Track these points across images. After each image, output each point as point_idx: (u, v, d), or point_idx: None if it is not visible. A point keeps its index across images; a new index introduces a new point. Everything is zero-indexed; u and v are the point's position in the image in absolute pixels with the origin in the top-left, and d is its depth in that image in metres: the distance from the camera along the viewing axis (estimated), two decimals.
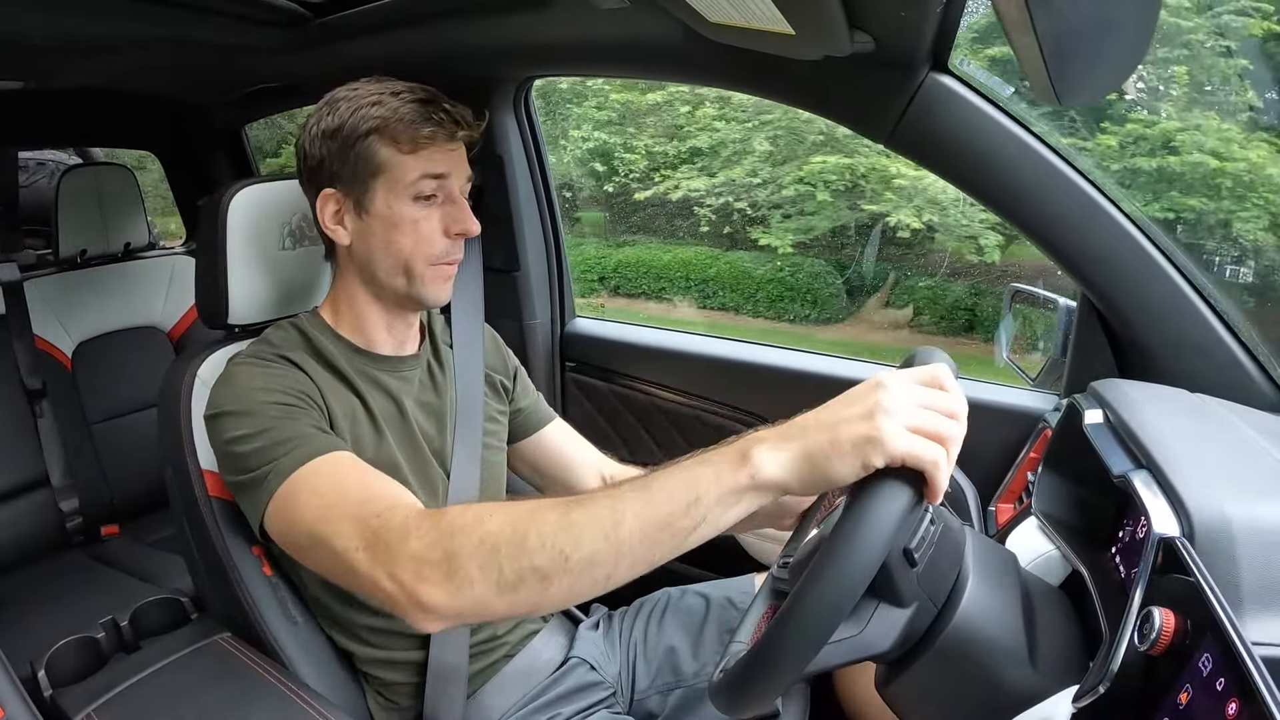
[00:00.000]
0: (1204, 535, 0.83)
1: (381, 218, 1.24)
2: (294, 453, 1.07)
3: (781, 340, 2.19)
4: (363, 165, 1.22)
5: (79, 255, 2.57)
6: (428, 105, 1.22)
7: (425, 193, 1.23)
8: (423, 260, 1.25)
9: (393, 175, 1.22)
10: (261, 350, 1.24)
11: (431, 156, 1.22)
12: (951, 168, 1.31)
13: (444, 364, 1.43)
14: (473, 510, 0.90)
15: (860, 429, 0.78)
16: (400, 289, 1.28)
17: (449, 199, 1.26)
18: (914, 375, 0.83)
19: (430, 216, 1.25)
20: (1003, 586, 0.95)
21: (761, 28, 1.05)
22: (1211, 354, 1.26)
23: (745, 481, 0.82)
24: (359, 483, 1.03)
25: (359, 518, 0.96)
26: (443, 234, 1.26)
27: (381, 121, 1.20)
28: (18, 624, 2.01)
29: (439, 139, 1.22)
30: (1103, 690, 0.79)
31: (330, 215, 1.26)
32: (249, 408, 1.12)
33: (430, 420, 1.37)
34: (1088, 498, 1.15)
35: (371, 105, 1.21)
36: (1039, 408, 1.51)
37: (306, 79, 1.21)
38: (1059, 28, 0.74)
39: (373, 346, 1.33)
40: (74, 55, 1.85)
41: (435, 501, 1.32)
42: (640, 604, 1.56)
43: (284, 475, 1.06)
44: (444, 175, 1.24)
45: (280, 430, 1.10)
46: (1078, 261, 1.29)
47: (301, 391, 1.17)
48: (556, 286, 2.13)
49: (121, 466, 2.53)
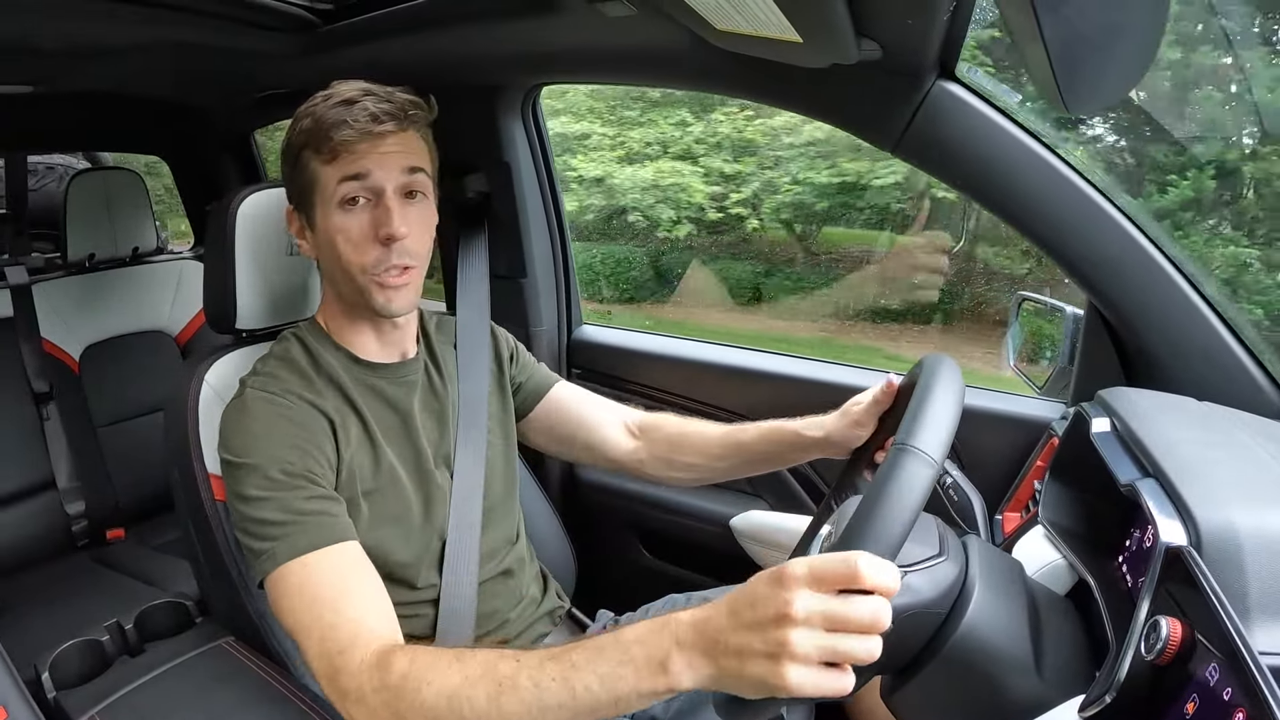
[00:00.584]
0: (1211, 544, 0.82)
1: (322, 232, 1.22)
2: (290, 539, 1.07)
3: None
4: (303, 181, 1.22)
5: (87, 259, 2.58)
6: (349, 105, 1.17)
7: (347, 196, 1.19)
8: (359, 271, 1.21)
9: (321, 188, 1.20)
10: (273, 381, 1.21)
11: (350, 160, 1.18)
12: (959, 175, 1.31)
13: (441, 364, 1.43)
14: (415, 670, 0.92)
15: (762, 670, 0.74)
16: (358, 301, 1.26)
17: (379, 201, 1.20)
18: (829, 571, 0.73)
19: (359, 223, 1.20)
20: (1009, 595, 0.94)
21: (769, 35, 1.05)
22: (1219, 362, 1.26)
23: (664, 689, 0.82)
24: (333, 601, 1.03)
25: (322, 648, 1.00)
26: (373, 240, 1.20)
27: (308, 135, 1.18)
28: (22, 626, 2.02)
29: (356, 141, 1.16)
30: (1109, 700, 0.79)
31: (295, 231, 1.28)
32: (260, 462, 1.11)
33: (434, 422, 1.37)
34: (1095, 506, 1.15)
35: (306, 116, 1.19)
36: (1046, 416, 1.51)
37: (314, 85, 1.22)
38: (1066, 35, 0.74)
39: (371, 356, 1.32)
40: (82, 60, 1.86)
41: (437, 507, 1.32)
42: (646, 610, 1.56)
43: (278, 562, 1.06)
44: (361, 175, 1.18)
45: (283, 503, 1.09)
46: (1085, 269, 1.28)
47: (310, 440, 1.16)
48: (564, 293, 2.13)
49: (127, 470, 2.53)
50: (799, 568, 0.74)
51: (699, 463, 1.48)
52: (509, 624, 1.39)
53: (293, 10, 1.54)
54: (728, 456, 1.45)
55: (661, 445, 1.51)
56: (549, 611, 1.49)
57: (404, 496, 1.27)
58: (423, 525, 1.29)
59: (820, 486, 1.82)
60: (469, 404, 1.41)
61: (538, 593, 1.48)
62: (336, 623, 1.01)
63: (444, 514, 1.32)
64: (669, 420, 1.53)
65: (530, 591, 1.46)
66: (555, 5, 1.33)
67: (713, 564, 1.91)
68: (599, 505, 2.09)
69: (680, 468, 1.50)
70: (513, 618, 1.40)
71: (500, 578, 1.38)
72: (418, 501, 1.29)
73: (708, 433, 1.47)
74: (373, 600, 1.06)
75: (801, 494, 1.84)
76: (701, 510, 1.91)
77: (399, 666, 0.93)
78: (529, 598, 1.45)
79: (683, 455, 1.49)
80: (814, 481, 1.83)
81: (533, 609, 1.46)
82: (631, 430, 1.54)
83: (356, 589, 1.06)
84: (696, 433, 1.48)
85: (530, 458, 1.73)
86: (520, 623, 1.42)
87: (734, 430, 1.44)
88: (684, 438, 1.49)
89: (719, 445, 1.45)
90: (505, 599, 1.39)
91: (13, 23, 1.45)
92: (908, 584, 0.90)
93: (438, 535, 1.31)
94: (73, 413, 2.46)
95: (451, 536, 1.32)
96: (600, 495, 2.08)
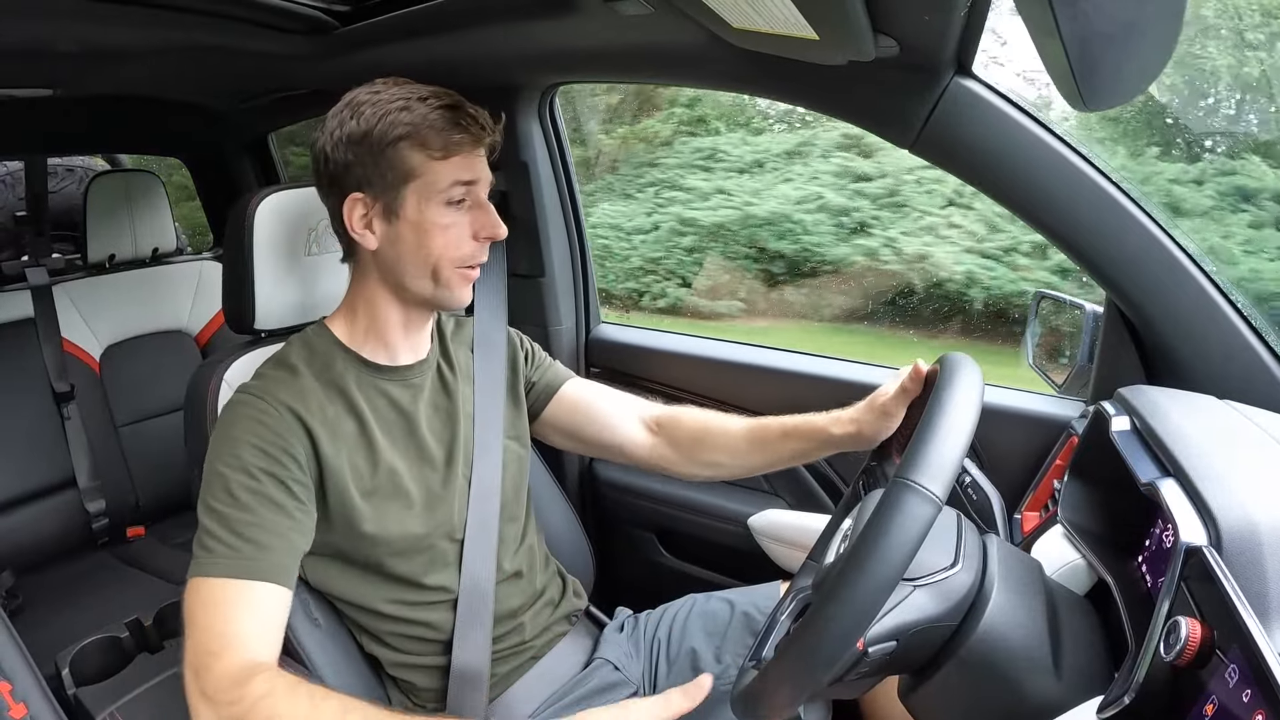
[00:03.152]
0: (1232, 544, 0.82)
1: (412, 223, 1.24)
2: (223, 561, 1.09)
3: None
4: (393, 170, 1.22)
5: (107, 260, 2.61)
6: (455, 111, 1.22)
7: (456, 198, 1.24)
8: (449, 264, 1.26)
9: (425, 181, 1.22)
10: (258, 387, 1.23)
11: (462, 162, 1.23)
12: (977, 173, 1.30)
13: (454, 364, 1.43)
14: (270, 699, 0.96)
15: None
16: (425, 292, 1.28)
17: (477, 204, 1.27)
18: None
19: (460, 221, 1.25)
20: (1028, 595, 0.94)
21: (785, 33, 1.04)
22: (1240, 359, 1.24)
23: None
24: (230, 616, 1.06)
25: (199, 644, 1.04)
26: (470, 238, 1.27)
27: (412, 128, 1.20)
28: (43, 623, 2.04)
29: (467, 144, 1.23)
30: (1128, 701, 0.79)
31: (358, 219, 1.25)
32: (226, 471, 1.14)
33: (443, 423, 1.38)
34: (1114, 506, 1.14)
35: (400, 110, 1.21)
36: (1065, 415, 1.50)
37: (332, 85, 1.22)
38: (1084, 31, 0.73)
39: (381, 357, 1.33)
40: (101, 63, 1.87)
41: (444, 506, 1.33)
42: (665, 607, 1.56)
43: (204, 573, 1.09)
44: (473, 181, 1.25)
45: (232, 524, 1.11)
46: (1105, 267, 1.27)
47: (278, 447, 1.17)
48: (582, 292, 2.13)
49: (147, 468, 2.55)
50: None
51: (723, 460, 1.48)
52: (524, 626, 1.40)
53: (310, 12, 1.55)
54: (753, 454, 1.45)
55: (683, 441, 1.50)
56: (566, 615, 1.49)
57: (405, 496, 1.28)
58: (428, 525, 1.29)
59: (838, 484, 1.82)
60: (484, 405, 1.42)
61: (555, 594, 1.49)
62: (222, 631, 1.04)
63: (455, 514, 1.33)
64: (688, 414, 1.52)
65: (547, 593, 1.47)
66: (572, 5, 1.34)
67: (731, 563, 1.91)
68: (617, 504, 2.09)
69: (702, 465, 1.50)
70: (527, 619, 1.41)
71: (512, 579, 1.39)
72: (420, 502, 1.29)
73: (731, 429, 1.46)
74: (264, 632, 1.08)
75: (820, 492, 1.83)
76: (720, 509, 1.91)
77: (257, 688, 0.97)
78: (546, 599, 1.46)
79: (705, 453, 1.49)
80: (832, 480, 1.83)
81: (549, 611, 1.46)
82: (650, 426, 1.54)
83: (255, 618, 1.08)
84: (719, 429, 1.48)
85: (548, 456, 1.74)
86: (536, 624, 1.42)
87: (758, 427, 1.44)
88: (706, 434, 1.48)
89: (744, 442, 1.45)
90: (519, 600, 1.40)
91: (32, 27, 1.47)
92: (913, 602, 0.90)
93: (448, 536, 1.32)
94: (93, 412, 2.48)
95: (469, 536, 1.33)
96: (618, 494, 2.09)
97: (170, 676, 1.33)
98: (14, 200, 3.04)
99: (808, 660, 0.80)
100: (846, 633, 0.78)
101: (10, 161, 2.98)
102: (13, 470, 2.31)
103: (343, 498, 1.21)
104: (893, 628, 0.89)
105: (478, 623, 1.31)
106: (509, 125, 1.88)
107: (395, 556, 1.26)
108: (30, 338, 2.41)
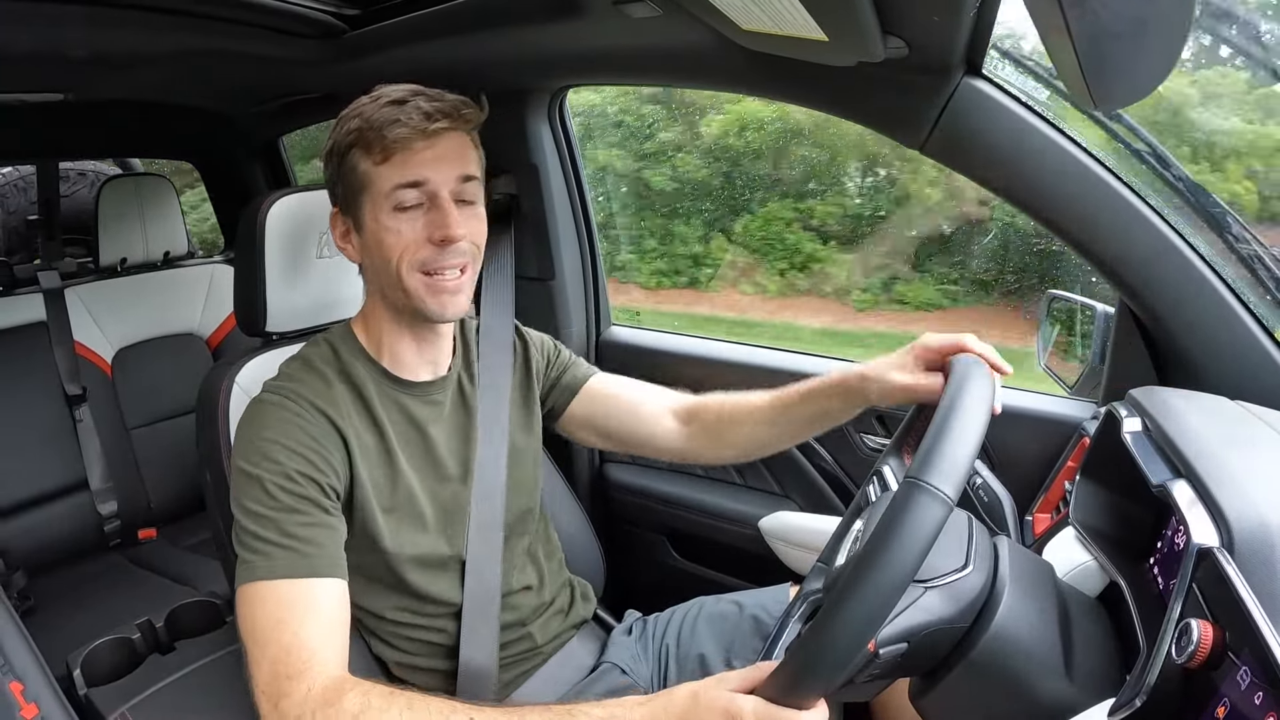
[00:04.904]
0: (1244, 545, 0.81)
1: (371, 233, 1.20)
2: (275, 560, 1.07)
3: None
4: (351, 183, 1.20)
5: (119, 263, 2.62)
6: (400, 105, 1.15)
7: (406, 203, 1.17)
8: (409, 270, 1.19)
9: (373, 189, 1.18)
10: (289, 385, 1.20)
11: (405, 162, 1.16)
12: (988, 173, 1.30)
13: (475, 375, 1.41)
14: (369, 713, 0.95)
15: None
16: (402, 303, 1.23)
17: (434, 204, 1.19)
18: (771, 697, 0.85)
19: (412, 225, 1.18)
20: (1039, 597, 0.94)
21: (794, 34, 1.04)
22: (1253, 361, 1.24)
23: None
24: (296, 626, 1.03)
25: (274, 667, 1.00)
26: (427, 241, 1.18)
27: (357, 134, 1.17)
28: (55, 624, 2.05)
29: (410, 139, 1.15)
30: (1139, 703, 0.78)
31: (340, 235, 1.26)
32: (264, 474, 1.11)
33: (461, 442, 1.36)
34: (1126, 507, 1.13)
35: (354, 117, 1.18)
36: (1077, 416, 1.50)
37: (342, 89, 1.22)
38: (1094, 30, 0.73)
39: (403, 370, 1.30)
40: (112, 67, 1.88)
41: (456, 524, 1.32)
42: (674, 610, 1.55)
43: (256, 576, 1.06)
44: (419, 183, 1.17)
45: (278, 524, 1.09)
46: (1116, 268, 1.27)
47: (317, 454, 1.15)
48: (592, 295, 2.13)
49: (159, 471, 2.57)
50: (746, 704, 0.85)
51: (751, 434, 1.43)
52: (533, 634, 1.40)
53: (319, 16, 1.55)
54: (778, 421, 1.39)
55: (712, 426, 1.46)
56: (575, 624, 1.49)
57: (420, 515, 1.26)
58: (441, 541, 1.29)
59: (849, 487, 1.82)
60: (489, 408, 1.39)
61: (564, 603, 1.48)
62: (294, 646, 1.01)
63: (464, 529, 1.32)
64: (713, 399, 1.47)
65: (557, 603, 1.46)
66: (581, 8, 1.34)
67: (742, 565, 1.91)
68: (628, 506, 2.09)
69: (729, 445, 1.46)
70: (535, 629, 1.40)
71: (521, 592, 1.38)
72: (434, 519, 1.29)
73: (755, 402, 1.42)
74: (333, 635, 1.06)
75: (830, 494, 1.83)
76: (731, 511, 1.91)
77: (351, 705, 0.95)
78: (555, 608, 1.45)
79: (732, 431, 1.44)
80: (843, 482, 1.82)
81: (559, 620, 1.45)
82: (680, 416, 1.49)
83: (322, 621, 1.06)
84: (745, 405, 1.43)
85: (559, 459, 1.73)
86: (545, 633, 1.42)
87: (780, 394, 1.38)
88: (735, 412, 1.43)
89: (769, 412, 1.39)
90: (528, 611, 1.39)
91: (45, 32, 1.47)
92: (924, 604, 0.90)
93: (456, 550, 1.31)
94: (105, 414, 2.50)
95: (472, 542, 1.32)
96: (629, 496, 2.09)
97: (181, 677, 1.33)
98: (26, 204, 3.07)
99: (819, 662, 0.79)
100: (858, 634, 0.77)
101: (22, 166, 3.00)
102: (25, 472, 2.33)
103: (365, 512, 1.20)
104: (904, 629, 0.89)
105: (485, 630, 1.30)
106: (519, 128, 1.88)
107: (405, 570, 1.25)
108: (42, 341, 2.42)
